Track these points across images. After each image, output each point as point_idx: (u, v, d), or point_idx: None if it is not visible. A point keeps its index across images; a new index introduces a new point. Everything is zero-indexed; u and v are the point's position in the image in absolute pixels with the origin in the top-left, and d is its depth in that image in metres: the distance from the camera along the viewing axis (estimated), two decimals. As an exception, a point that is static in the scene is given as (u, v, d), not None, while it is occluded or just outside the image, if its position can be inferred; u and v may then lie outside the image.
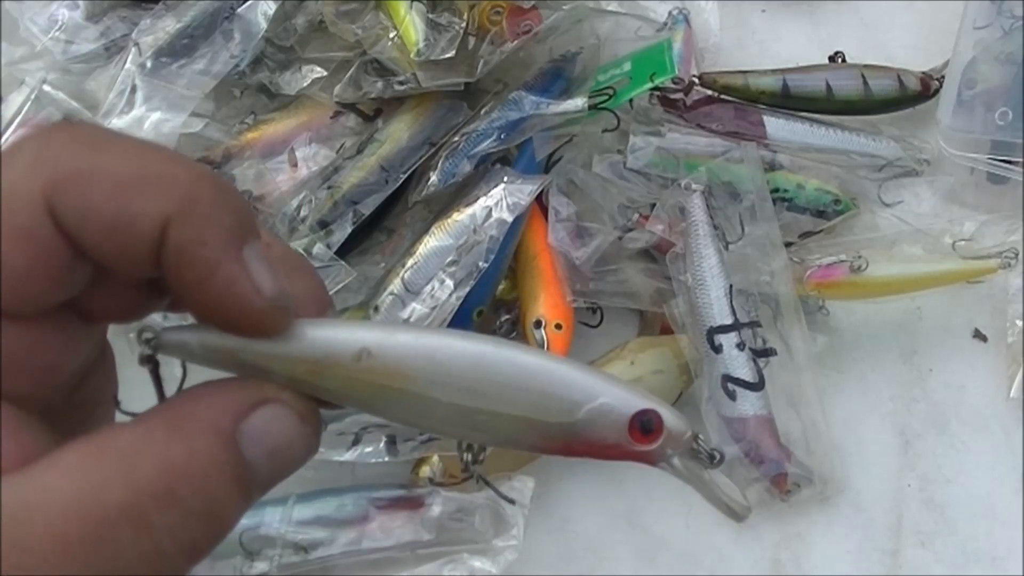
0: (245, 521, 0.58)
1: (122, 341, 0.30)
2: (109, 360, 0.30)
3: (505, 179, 0.63)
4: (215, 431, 0.25)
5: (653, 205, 0.64)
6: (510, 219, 0.62)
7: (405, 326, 0.28)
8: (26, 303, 0.25)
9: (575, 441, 0.28)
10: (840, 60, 0.73)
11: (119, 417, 0.29)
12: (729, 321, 0.60)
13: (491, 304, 0.64)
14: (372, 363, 0.27)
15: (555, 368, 0.28)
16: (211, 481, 0.24)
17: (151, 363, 0.27)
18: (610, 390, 0.28)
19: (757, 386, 0.60)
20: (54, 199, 0.25)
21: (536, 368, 0.28)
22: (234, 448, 0.25)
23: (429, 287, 0.61)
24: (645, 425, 0.28)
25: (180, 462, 0.24)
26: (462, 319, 0.61)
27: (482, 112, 0.65)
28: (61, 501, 0.23)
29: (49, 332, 0.26)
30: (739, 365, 0.60)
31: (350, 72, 0.65)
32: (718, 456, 0.29)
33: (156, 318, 0.30)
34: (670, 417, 0.28)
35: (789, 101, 0.70)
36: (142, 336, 0.27)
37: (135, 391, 0.28)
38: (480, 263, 0.61)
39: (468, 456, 0.31)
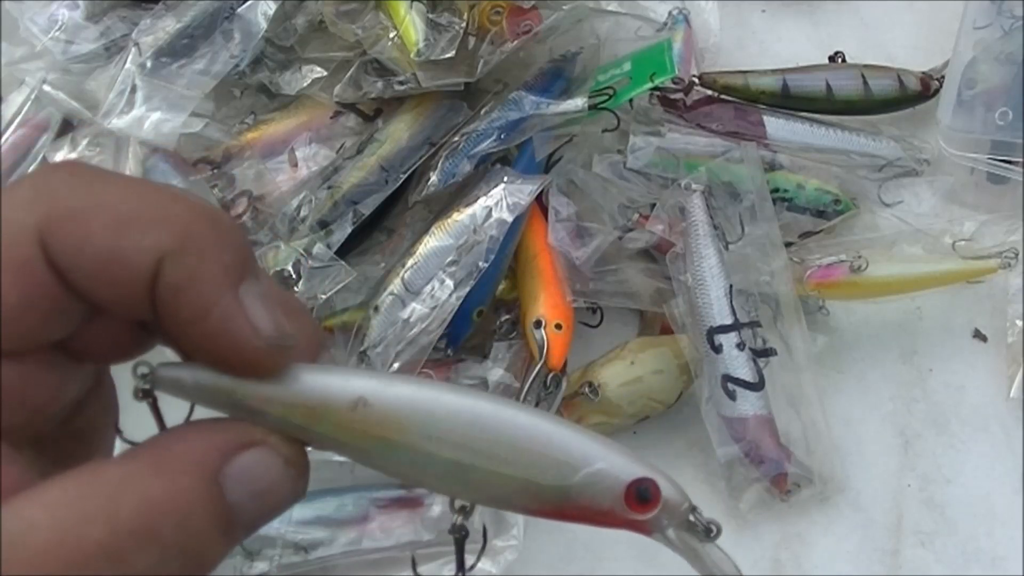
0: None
1: (127, 370, 0.30)
2: (108, 389, 0.29)
3: (505, 179, 0.63)
4: (199, 471, 0.25)
5: (653, 205, 0.64)
6: (510, 219, 0.62)
7: (404, 377, 0.28)
8: (16, 339, 0.25)
9: (568, 505, 0.28)
10: (840, 60, 0.73)
11: (121, 445, 0.29)
12: (729, 321, 0.60)
13: (491, 304, 0.64)
14: (368, 413, 0.27)
15: (554, 430, 0.28)
16: (192, 521, 0.24)
17: (148, 397, 0.27)
18: (608, 456, 0.28)
19: (757, 386, 0.60)
20: (48, 236, 0.24)
21: (535, 429, 0.28)
22: (217, 489, 0.25)
23: (429, 287, 0.61)
24: (642, 494, 0.28)
25: (162, 501, 0.24)
26: (462, 319, 0.61)
27: (482, 112, 0.65)
28: (41, 536, 0.22)
29: (40, 369, 0.26)
30: (739, 365, 0.60)
31: (350, 72, 0.65)
32: (715, 529, 0.29)
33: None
34: (668, 487, 0.28)
35: (789, 101, 0.70)
36: (137, 371, 0.27)
37: (142, 418, 0.28)
38: (480, 263, 0.61)
39: (459, 518, 0.30)
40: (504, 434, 0.27)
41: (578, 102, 0.64)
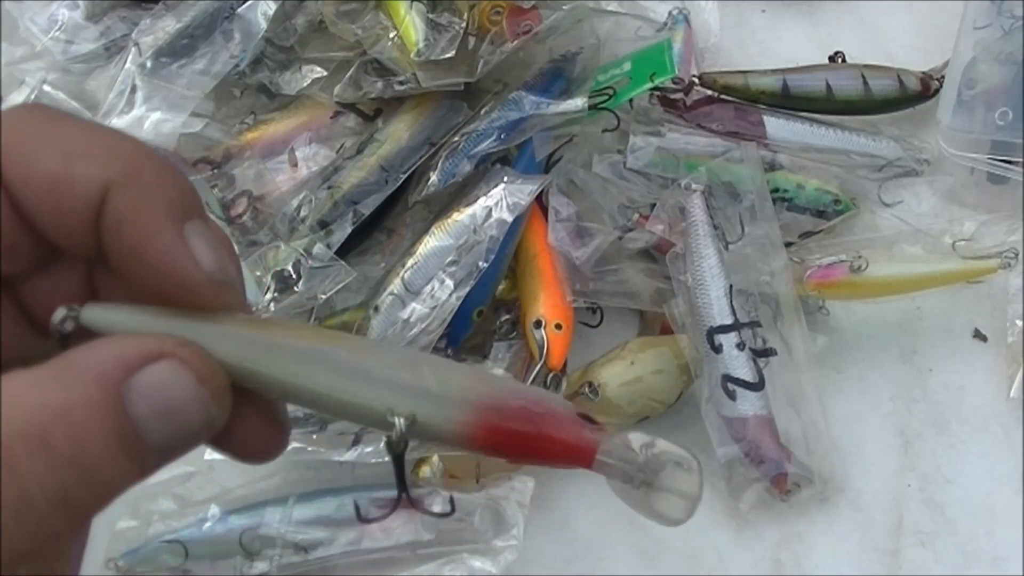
0: (245, 521, 0.58)
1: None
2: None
3: (505, 179, 0.63)
4: (99, 380, 0.24)
5: (653, 205, 0.64)
6: (510, 219, 0.62)
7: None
8: None
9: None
10: (840, 60, 0.73)
11: None
12: (729, 321, 0.60)
13: (491, 304, 0.64)
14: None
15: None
16: (86, 431, 0.23)
17: (65, 341, 0.26)
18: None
19: (757, 386, 0.60)
20: (2, 155, 0.25)
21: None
22: (116, 399, 0.24)
23: (429, 287, 0.61)
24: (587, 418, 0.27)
25: (57, 407, 0.23)
26: (462, 319, 0.61)
27: (482, 112, 0.65)
28: None
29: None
30: (739, 365, 0.60)
31: (350, 72, 0.65)
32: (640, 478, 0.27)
33: None
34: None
35: (789, 101, 0.70)
36: (59, 315, 0.26)
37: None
38: (480, 263, 0.61)
39: (398, 424, 0.28)
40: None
41: (578, 102, 0.64)
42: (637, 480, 0.27)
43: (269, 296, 0.60)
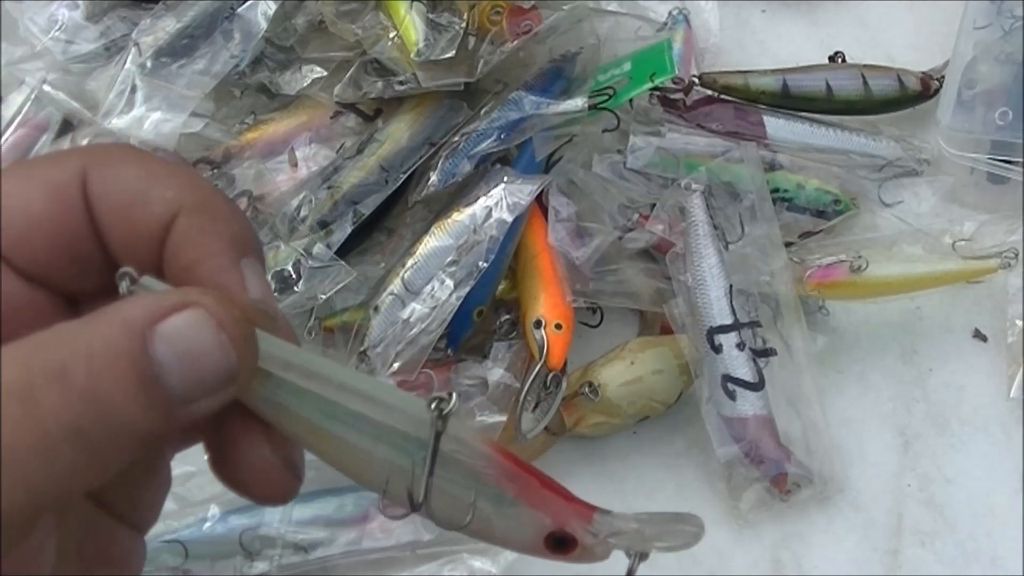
0: (245, 521, 0.58)
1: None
2: None
3: (505, 179, 0.63)
4: (123, 323, 0.24)
5: (653, 205, 0.64)
6: (510, 219, 0.62)
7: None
8: (28, 250, 0.27)
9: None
10: (840, 60, 0.73)
11: None
12: (729, 321, 0.60)
13: (491, 304, 0.64)
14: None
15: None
16: (105, 365, 0.24)
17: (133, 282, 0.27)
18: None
19: (757, 386, 0.60)
20: (88, 170, 0.27)
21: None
22: (139, 342, 0.24)
23: (429, 287, 0.61)
24: (558, 543, 0.29)
25: (81, 346, 0.24)
26: (462, 319, 0.61)
27: (482, 112, 0.65)
28: None
29: (44, 304, 0.28)
30: (739, 365, 0.60)
31: (350, 72, 0.65)
32: (642, 557, 0.30)
33: None
34: (584, 536, 0.30)
35: (789, 101, 0.70)
36: (122, 275, 0.27)
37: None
38: (480, 263, 0.61)
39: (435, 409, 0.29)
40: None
41: (578, 102, 0.64)
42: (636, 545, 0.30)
43: (269, 296, 0.60)
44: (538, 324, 0.60)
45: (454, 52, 0.62)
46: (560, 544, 0.29)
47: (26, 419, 0.23)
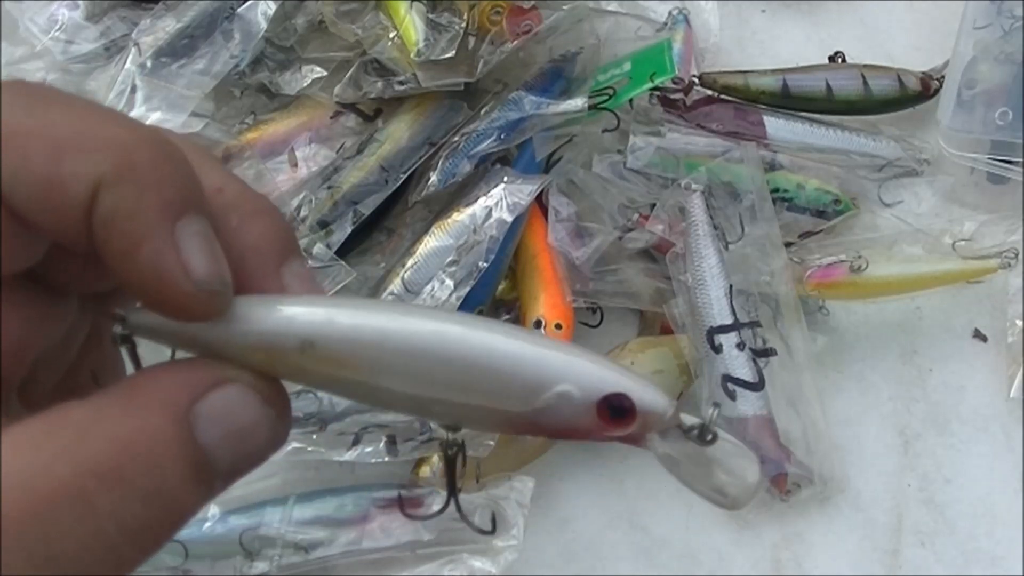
0: (245, 521, 0.58)
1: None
2: (108, 343, 0.28)
3: (505, 179, 0.63)
4: (167, 409, 0.23)
5: (653, 205, 0.64)
6: (510, 219, 0.62)
7: (352, 306, 0.25)
8: None
9: (542, 427, 0.26)
10: (840, 60, 0.73)
11: None
12: (729, 321, 0.60)
13: (491, 304, 0.64)
14: (316, 353, 0.25)
15: (509, 350, 0.26)
16: (160, 461, 0.23)
17: (127, 343, 0.26)
18: (573, 373, 0.25)
19: (757, 386, 0.60)
20: None
21: (491, 352, 0.26)
22: (186, 428, 0.23)
23: (429, 287, 0.61)
24: (615, 410, 0.26)
25: (127, 440, 0.23)
26: (462, 319, 0.61)
27: (482, 112, 0.65)
28: (6, 476, 0.21)
29: (12, 305, 0.25)
30: (739, 365, 0.60)
31: (350, 72, 0.65)
32: (710, 435, 0.26)
33: None
34: (644, 398, 0.26)
35: (789, 101, 0.70)
36: (114, 317, 0.26)
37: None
38: (480, 263, 0.61)
39: (449, 434, 0.28)
40: (459, 362, 0.25)
41: (578, 102, 0.64)
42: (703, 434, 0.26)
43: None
44: (538, 324, 0.60)
45: (454, 52, 0.62)
46: (619, 412, 0.26)
47: (84, 524, 0.22)
